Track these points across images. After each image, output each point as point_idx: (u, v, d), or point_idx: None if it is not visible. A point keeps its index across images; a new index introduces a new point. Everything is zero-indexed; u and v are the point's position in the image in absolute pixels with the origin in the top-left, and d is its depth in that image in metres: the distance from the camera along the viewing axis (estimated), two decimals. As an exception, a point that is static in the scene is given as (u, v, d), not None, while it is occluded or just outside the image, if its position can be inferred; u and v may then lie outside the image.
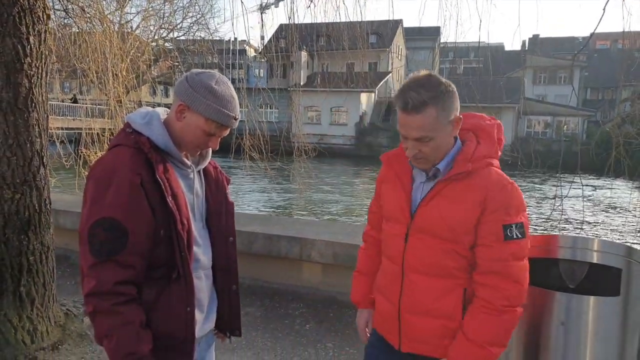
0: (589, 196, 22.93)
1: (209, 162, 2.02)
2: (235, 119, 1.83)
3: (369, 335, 2.25)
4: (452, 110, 1.80)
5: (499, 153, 1.94)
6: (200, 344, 1.97)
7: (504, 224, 1.77)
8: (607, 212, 20.55)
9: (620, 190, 20.13)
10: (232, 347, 3.84)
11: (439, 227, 1.85)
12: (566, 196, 6.38)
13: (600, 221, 18.49)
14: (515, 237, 1.77)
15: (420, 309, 1.92)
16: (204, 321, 1.94)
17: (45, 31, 3.63)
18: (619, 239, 15.02)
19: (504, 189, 1.80)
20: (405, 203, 1.95)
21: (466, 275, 1.86)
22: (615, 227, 17.52)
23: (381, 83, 47.94)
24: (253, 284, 5.01)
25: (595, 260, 2.03)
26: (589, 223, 17.76)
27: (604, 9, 4.82)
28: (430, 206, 1.87)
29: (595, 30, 5.18)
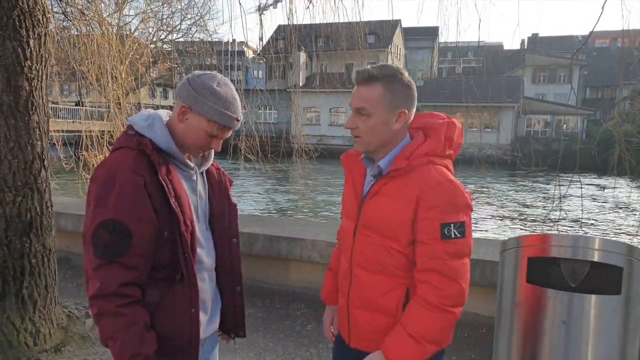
0: (593, 196, 22.95)
1: (212, 164, 2.03)
2: (238, 120, 1.84)
3: (333, 332, 2.25)
4: (400, 102, 1.83)
5: (450, 151, 1.91)
6: (204, 345, 1.97)
7: (441, 222, 1.74)
8: (607, 210, 20.53)
9: (621, 189, 20.14)
10: (234, 348, 3.85)
11: (379, 224, 1.85)
12: (564, 196, 6.38)
13: (600, 220, 18.49)
14: (453, 236, 1.74)
15: (365, 305, 1.94)
16: (207, 322, 1.94)
17: (45, 34, 3.64)
18: (619, 238, 15.02)
19: (439, 186, 1.76)
20: (355, 199, 1.97)
21: (407, 275, 1.85)
22: (616, 226, 17.51)
23: (380, 83, 47.83)
24: (254, 285, 5.02)
25: (596, 259, 2.03)
26: (590, 222, 17.78)
27: (602, 8, 4.82)
28: (372, 203, 1.88)
29: (594, 28, 5.17)
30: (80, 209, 6.10)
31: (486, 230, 16.42)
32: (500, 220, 18.74)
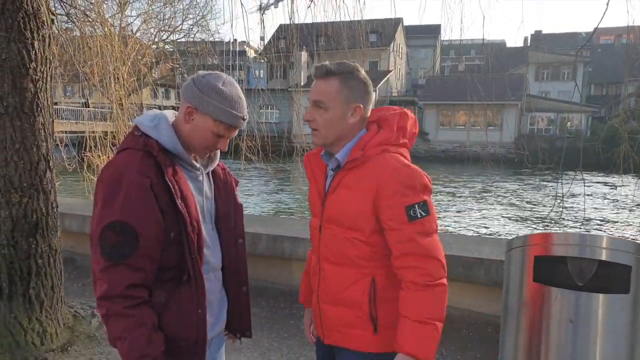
0: (600, 194, 22.87)
1: (217, 164, 2.03)
2: (244, 120, 1.84)
3: (313, 333, 2.27)
4: (356, 97, 1.89)
5: (404, 140, 1.95)
6: (211, 345, 1.98)
7: (405, 205, 1.78)
8: (614, 208, 20.46)
9: (628, 187, 20.08)
10: (239, 347, 3.85)
11: (341, 216, 1.89)
12: (569, 194, 6.35)
13: (607, 218, 18.42)
14: (419, 216, 1.79)
15: (332, 299, 1.96)
16: (214, 323, 1.95)
17: (50, 36, 3.65)
18: (627, 236, 14.97)
19: (396, 171, 1.81)
20: (318, 196, 2.02)
21: (372, 264, 1.88)
22: (623, 224, 17.45)
23: (382, 82, 47.88)
24: (258, 284, 5.02)
25: (604, 258, 2.02)
26: (596, 220, 17.73)
27: (607, 4, 4.80)
28: (333, 197, 1.92)
29: (598, 25, 5.17)
30: (85, 210, 6.12)
31: (491, 232, 16.40)
32: (506, 219, 18.71)
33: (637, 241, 2.13)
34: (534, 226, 17.10)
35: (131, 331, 1.63)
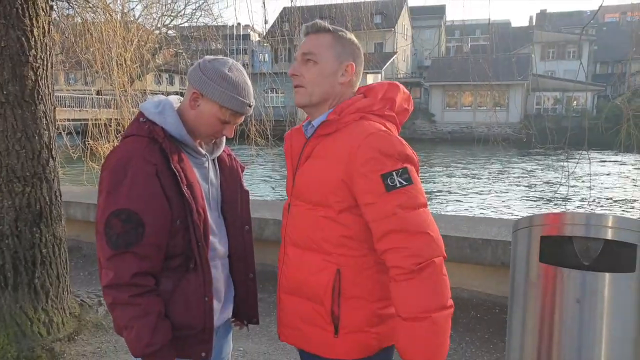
0: (606, 173, 22.76)
1: (223, 150, 2.01)
2: (250, 106, 1.82)
3: None
4: (348, 55, 1.74)
5: (389, 112, 1.74)
6: (218, 332, 1.97)
7: (381, 173, 1.54)
8: (617, 187, 20.37)
9: (629, 166, 19.97)
10: (247, 333, 3.86)
11: (309, 189, 1.69)
12: (574, 173, 6.31)
13: (611, 197, 18.35)
14: (399, 185, 1.54)
15: (292, 288, 1.76)
16: (221, 310, 1.94)
17: (49, 23, 3.62)
18: (631, 214, 14.93)
19: (371, 136, 1.59)
20: (291, 171, 1.82)
21: (339, 252, 1.64)
22: (627, 203, 17.39)
23: (387, 63, 47.58)
24: (265, 269, 5.02)
25: (609, 237, 2.00)
26: (602, 199, 17.66)
27: (613, -19, 4.72)
28: (303, 168, 1.73)
29: (603, 2, 5.08)
30: (90, 198, 6.13)
31: (500, 212, 16.37)
32: (513, 199, 18.68)
33: (643, 219, 2.10)
34: (542, 206, 17.07)
35: (137, 320, 1.63)
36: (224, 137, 1.93)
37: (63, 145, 7.88)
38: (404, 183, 1.55)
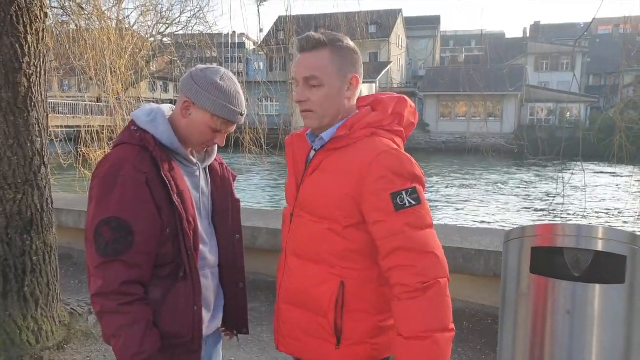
0: (598, 184, 22.87)
1: (215, 159, 2.01)
2: (242, 115, 1.82)
3: None
4: (349, 67, 1.69)
5: (398, 128, 1.74)
6: (208, 342, 1.96)
7: (391, 192, 1.55)
8: (609, 199, 20.46)
9: (623, 177, 20.07)
10: (238, 343, 3.84)
11: (315, 202, 1.67)
12: (566, 184, 6.35)
13: (605, 208, 18.43)
14: (408, 204, 1.55)
15: (294, 299, 1.75)
16: (211, 319, 1.93)
17: (43, 30, 3.62)
18: (622, 226, 14.98)
19: (383, 154, 1.58)
20: (295, 181, 1.80)
21: (344, 265, 1.64)
22: (618, 214, 17.46)
23: (382, 73, 47.77)
24: (257, 278, 5.01)
25: (600, 248, 2.01)
26: (594, 210, 17.72)
27: (604, -6, 4.78)
28: (310, 180, 1.71)
29: (596, 15, 5.15)
30: (82, 205, 6.09)
31: (493, 223, 16.41)
32: (506, 209, 18.72)
33: (632, 231, 2.11)
34: (536, 217, 17.11)
35: (126, 329, 1.62)
36: (216, 146, 1.93)
37: (55, 152, 7.85)
38: (413, 203, 1.56)
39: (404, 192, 1.55)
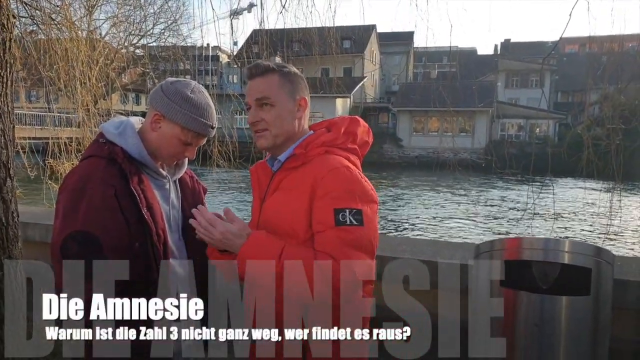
0: (566, 198, 23.34)
1: (185, 172, 1.99)
2: (212, 127, 1.82)
3: None
4: (297, 89, 1.79)
5: (352, 145, 1.82)
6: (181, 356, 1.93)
7: (335, 207, 1.60)
8: (578, 212, 20.89)
9: (590, 192, 20.52)
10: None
11: (276, 220, 1.71)
12: (535, 198, 6.46)
13: (571, 222, 18.79)
14: (348, 222, 1.58)
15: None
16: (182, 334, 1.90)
17: (10, 39, 3.55)
18: (589, 240, 15.29)
19: (334, 171, 1.65)
20: (258, 202, 1.86)
21: None
22: (586, 228, 17.82)
23: (356, 88, 48.13)
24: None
25: (566, 261, 2.05)
26: (563, 224, 18.06)
27: (570, 15, 4.91)
28: (271, 199, 1.77)
29: (562, 34, 5.29)
30: (49, 219, 5.95)
31: (463, 237, 16.58)
32: (477, 224, 18.93)
33: (597, 244, 2.17)
34: (506, 230, 17.34)
35: None
36: (186, 159, 1.92)
37: (21, 164, 7.67)
38: (354, 223, 1.59)
39: (347, 210, 1.60)
